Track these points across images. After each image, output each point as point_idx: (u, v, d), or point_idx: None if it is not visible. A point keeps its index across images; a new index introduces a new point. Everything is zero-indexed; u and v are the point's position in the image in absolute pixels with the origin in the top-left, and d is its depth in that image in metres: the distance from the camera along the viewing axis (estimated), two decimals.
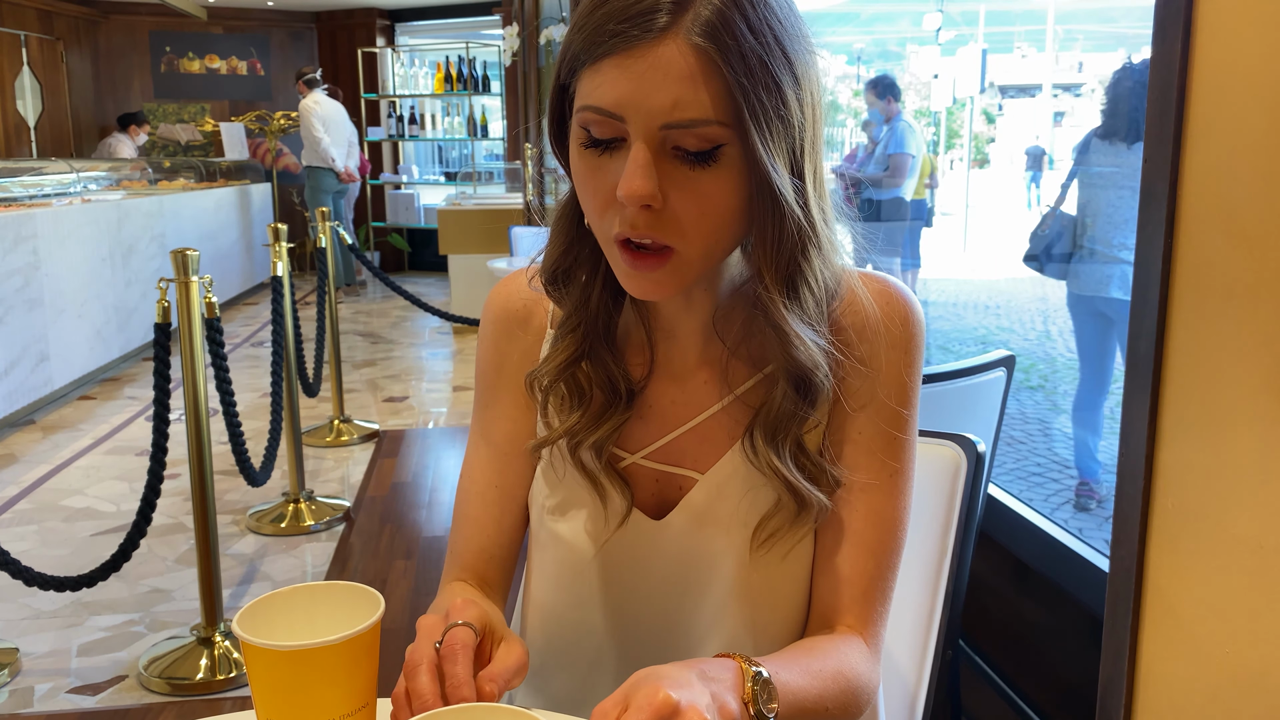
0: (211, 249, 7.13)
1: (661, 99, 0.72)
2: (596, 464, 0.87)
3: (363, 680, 0.68)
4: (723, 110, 0.73)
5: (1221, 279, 0.72)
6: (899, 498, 0.88)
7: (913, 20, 10.37)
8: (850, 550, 0.87)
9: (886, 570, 0.88)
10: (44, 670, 2.48)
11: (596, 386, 0.87)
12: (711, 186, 0.75)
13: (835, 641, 0.84)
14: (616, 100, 0.73)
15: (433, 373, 5.86)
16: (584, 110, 0.75)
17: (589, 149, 0.76)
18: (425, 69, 9.62)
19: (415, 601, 2.85)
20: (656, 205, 0.74)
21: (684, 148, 0.74)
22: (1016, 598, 1.72)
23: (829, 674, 0.80)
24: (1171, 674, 0.79)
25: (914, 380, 0.88)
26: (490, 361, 0.96)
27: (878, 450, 0.87)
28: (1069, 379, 5.32)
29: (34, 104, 8.90)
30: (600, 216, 0.78)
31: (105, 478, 3.94)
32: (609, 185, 0.76)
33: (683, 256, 0.77)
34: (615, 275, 0.84)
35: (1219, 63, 0.72)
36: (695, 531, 0.88)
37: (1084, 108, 12.50)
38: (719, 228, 0.77)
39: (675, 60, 0.72)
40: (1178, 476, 0.78)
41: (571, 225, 0.86)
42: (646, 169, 0.73)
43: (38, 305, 4.68)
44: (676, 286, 0.79)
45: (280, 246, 3.39)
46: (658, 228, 0.75)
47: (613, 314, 0.88)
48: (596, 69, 0.74)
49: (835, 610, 0.87)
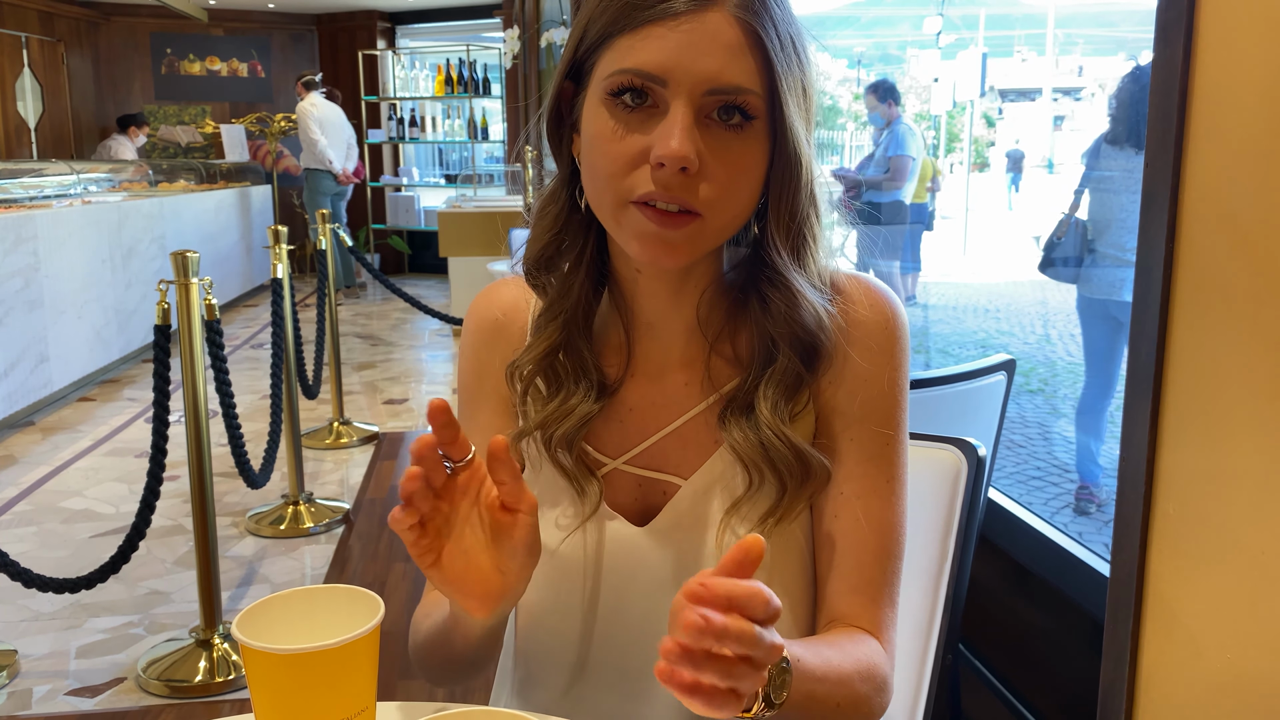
0: (212, 251, 7.13)
1: (708, 64, 0.74)
2: (569, 459, 0.87)
3: (363, 684, 0.67)
4: (760, 81, 0.76)
5: (1223, 284, 0.72)
6: (896, 500, 0.88)
7: (913, 24, 10.39)
8: (854, 557, 0.86)
9: (892, 574, 0.87)
10: (42, 672, 2.48)
11: (571, 379, 0.87)
12: (744, 154, 0.77)
13: (855, 639, 0.83)
14: (662, 62, 0.75)
15: (432, 375, 5.86)
16: (621, 73, 0.76)
17: (618, 110, 0.77)
18: (426, 71, 9.63)
19: (415, 604, 2.84)
20: (693, 169, 0.75)
21: (721, 115, 0.76)
22: (1017, 602, 1.72)
23: (850, 666, 0.79)
24: (1172, 678, 0.79)
25: (902, 380, 0.88)
26: (471, 371, 0.96)
27: (872, 454, 0.87)
28: (1069, 383, 5.32)
29: (34, 105, 8.91)
30: (620, 180, 0.77)
31: (104, 479, 3.94)
32: (634, 148, 0.76)
33: (706, 224, 0.78)
34: (607, 255, 0.85)
35: (1220, 68, 0.72)
36: (680, 538, 0.87)
37: (1084, 112, 12.52)
38: (744, 197, 0.79)
39: (723, 29, 0.75)
40: (1179, 481, 0.77)
41: (562, 210, 0.86)
42: (689, 130, 0.74)
43: (38, 306, 4.68)
44: (690, 254, 0.79)
45: (280, 248, 3.39)
46: (690, 191, 0.76)
47: (592, 306, 0.88)
48: (638, 34, 0.76)
49: (845, 617, 0.86)
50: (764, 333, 0.85)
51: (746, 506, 0.85)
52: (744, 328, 0.87)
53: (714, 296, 0.87)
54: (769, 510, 0.85)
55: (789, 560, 0.87)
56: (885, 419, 0.87)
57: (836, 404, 0.87)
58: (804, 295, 0.82)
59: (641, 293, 0.88)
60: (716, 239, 0.81)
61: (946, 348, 6.37)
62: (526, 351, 0.89)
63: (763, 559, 0.86)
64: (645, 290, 0.87)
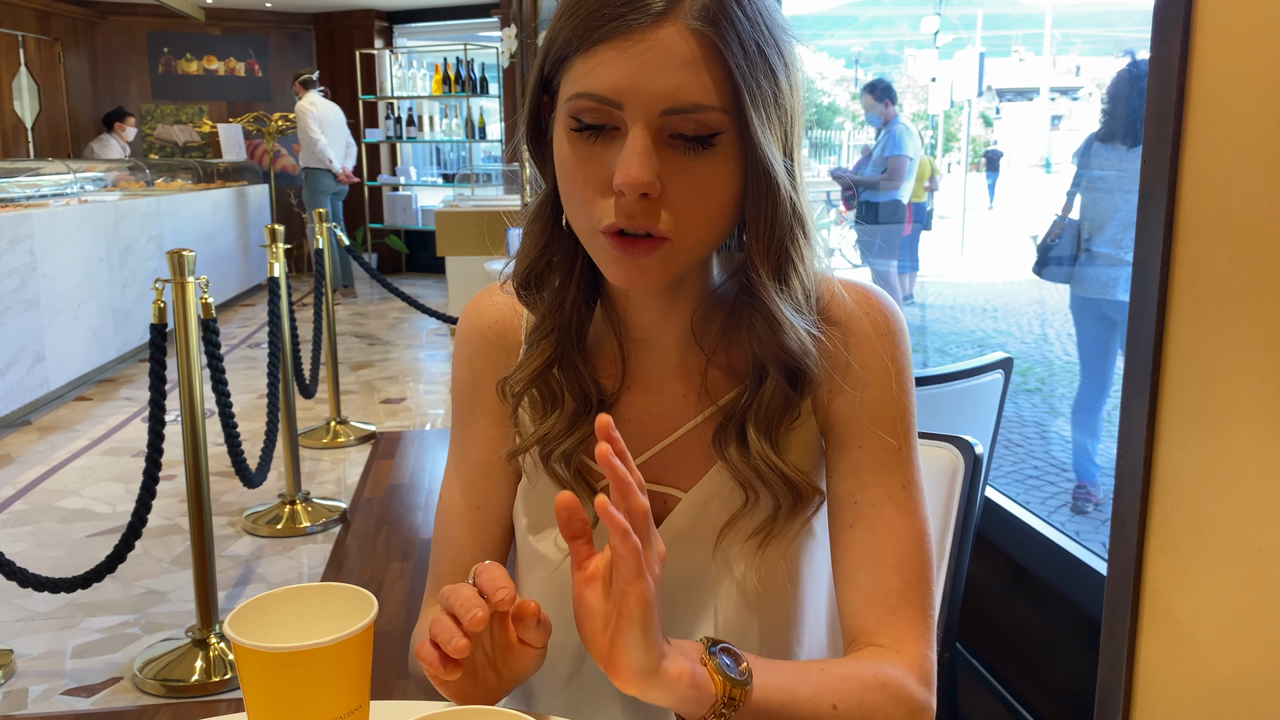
0: (209, 250, 7.12)
1: (662, 84, 0.71)
2: (567, 474, 0.85)
3: (355, 682, 0.67)
4: (723, 96, 0.72)
5: (1221, 281, 0.72)
6: (914, 509, 0.85)
7: (911, 24, 10.41)
8: (872, 570, 0.83)
9: (915, 583, 0.84)
10: (38, 672, 2.47)
11: (568, 393, 0.86)
12: (708, 174, 0.74)
13: (863, 657, 0.81)
14: (615, 85, 0.71)
15: (430, 374, 5.85)
16: (578, 98, 0.73)
17: (579, 136, 0.75)
18: (423, 71, 9.62)
19: (411, 603, 2.85)
20: (654, 193, 0.72)
21: (683, 134, 0.73)
22: (1014, 601, 1.72)
23: (835, 675, 0.77)
24: (1170, 677, 0.79)
25: (906, 386, 0.86)
26: (465, 381, 0.94)
27: (882, 461, 0.85)
28: (1066, 382, 5.32)
29: (31, 105, 8.89)
30: (589, 207, 0.76)
31: (101, 479, 3.93)
32: (600, 175, 0.74)
33: (675, 246, 0.75)
34: (598, 270, 0.83)
35: (1218, 65, 0.72)
36: (680, 550, 0.86)
37: (1081, 111, 12.54)
38: (713, 217, 0.76)
39: (676, 44, 0.71)
40: (1176, 480, 0.77)
41: (547, 226, 0.84)
42: (646, 155, 0.71)
43: (34, 306, 4.67)
44: (664, 276, 0.77)
45: (277, 247, 3.39)
46: (653, 216, 0.73)
47: (585, 320, 0.86)
48: (590, 55, 0.72)
49: (865, 632, 0.84)
50: (755, 352, 0.83)
51: (742, 522, 0.84)
52: (739, 338, 0.85)
53: (708, 308, 0.86)
54: (761, 526, 0.84)
55: (778, 582, 0.86)
56: (892, 426, 0.85)
57: (841, 414, 0.85)
58: (787, 323, 0.79)
59: (633, 307, 0.86)
60: (689, 259, 0.78)
61: (944, 347, 6.37)
62: (520, 368, 0.87)
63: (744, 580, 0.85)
64: (636, 305, 0.86)
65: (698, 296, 0.85)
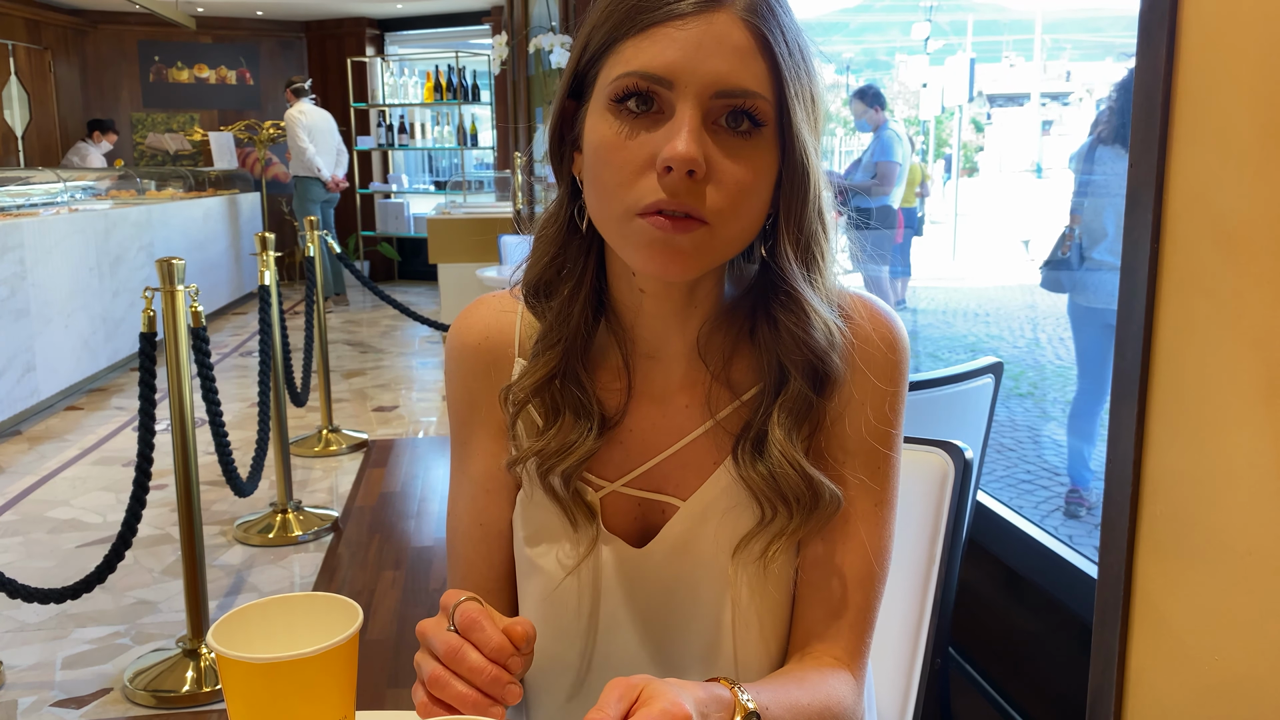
0: (200, 258, 7.10)
1: (716, 66, 0.73)
2: (565, 491, 0.85)
3: (340, 692, 0.67)
4: (768, 87, 0.74)
5: (1208, 285, 0.72)
6: (884, 526, 0.86)
7: (901, 30, 10.43)
8: (837, 582, 0.85)
9: (873, 600, 0.86)
10: (28, 683, 2.46)
11: (568, 409, 0.85)
12: (750, 161, 0.75)
13: (825, 676, 0.82)
14: (668, 64, 0.73)
15: (422, 382, 5.84)
16: (626, 76, 0.74)
17: (622, 116, 0.75)
18: (415, 78, 9.63)
19: (404, 612, 2.84)
20: (701, 172, 0.72)
21: (729, 120, 0.74)
22: (1006, 605, 1.72)
23: (816, 710, 0.78)
24: (1160, 680, 0.79)
25: (901, 405, 0.86)
26: (460, 400, 0.94)
27: (863, 478, 0.85)
28: (1058, 386, 5.33)
29: (21, 113, 8.87)
30: (627, 190, 0.75)
31: (91, 489, 3.91)
32: (642, 155, 0.74)
33: (713, 233, 0.75)
34: (606, 282, 0.82)
35: (1203, 68, 0.72)
36: (678, 560, 0.86)
37: (1072, 116, 12.58)
38: (752, 208, 0.77)
39: (730, 32, 0.73)
40: (1166, 483, 0.77)
41: (560, 233, 0.84)
42: (697, 133, 0.72)
43: (24, 315, 4.65)
44: (697, 265, 0.76)
45: (268, 256, 3.38)
46: (697, 198, 0.73)
47: (590, 333, 0.86)
48: (644, 36, 0.74)
49: (820, 641, 0.85)
50: (773, 359, 0.82)
51: (755, 539, 0.84)
52: (742, 355, 0.85)
53: (715, 322, 0.85)
54: (772, 541, 0.83)
55: (768, 589, 0.86)
56: (881, 443, 0.85)
57: (837, 429, 0.85)
58: (817, 312, 0.80)
59: (645, 316, 0.85)
60: (724, 252, 0.78)
61: (936, 351, 6.38)
62: (523, 377, 0.86)
63: (740, 590, 0.85)
64: (649, 313, 0.85)
65: (709, 307, 0.85)
